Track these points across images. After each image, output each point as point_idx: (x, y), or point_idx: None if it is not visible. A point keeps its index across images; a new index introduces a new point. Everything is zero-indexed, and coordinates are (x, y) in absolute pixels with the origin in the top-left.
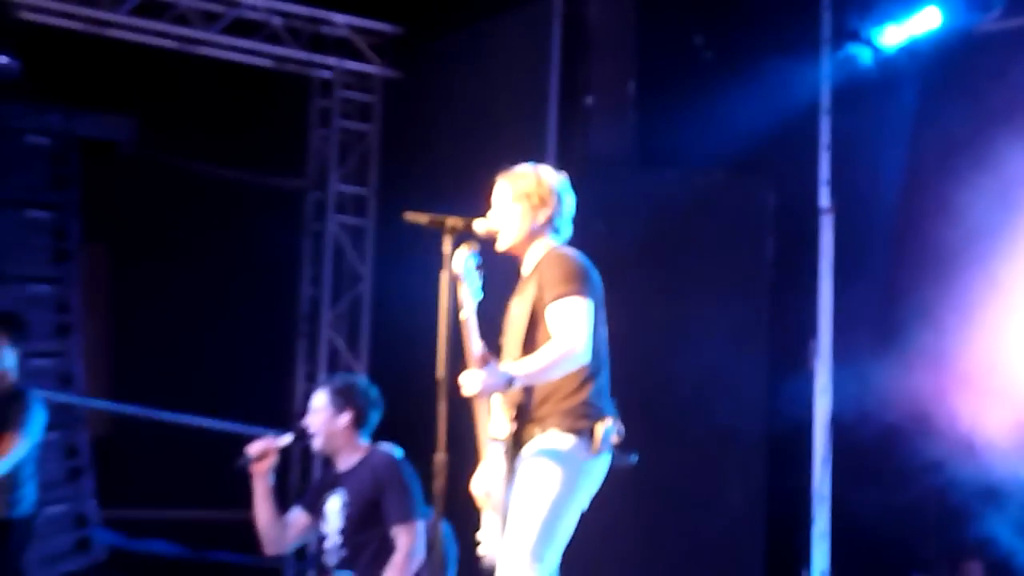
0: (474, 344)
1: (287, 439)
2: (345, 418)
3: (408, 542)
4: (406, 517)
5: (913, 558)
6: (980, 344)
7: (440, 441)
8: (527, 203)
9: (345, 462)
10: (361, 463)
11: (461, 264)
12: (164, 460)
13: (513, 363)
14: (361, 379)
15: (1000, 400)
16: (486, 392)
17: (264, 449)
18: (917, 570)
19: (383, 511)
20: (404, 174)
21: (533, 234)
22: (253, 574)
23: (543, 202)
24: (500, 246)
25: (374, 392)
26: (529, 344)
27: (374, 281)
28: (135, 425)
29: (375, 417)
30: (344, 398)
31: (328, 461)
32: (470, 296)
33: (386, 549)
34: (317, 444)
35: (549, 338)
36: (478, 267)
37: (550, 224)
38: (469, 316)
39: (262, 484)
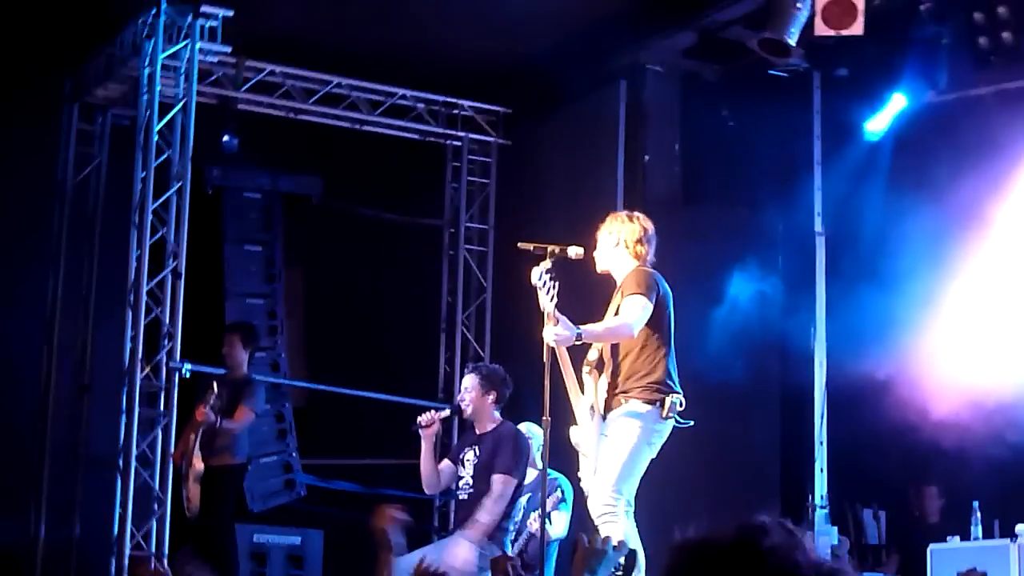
0: (550, 313)
1: (447, 412)
2: (490, 397)
3: (500, 488)
4: (506, 470)
5: (886, 484)
6: (934, 337)
7: (545, 407)
8: (630, 247)
9: (482, 427)
10: (493, 430)
11: (537, 278)
12: (345, 422)
13: (583, 325)
14: (499, 368)
15: (947, 378)
16: (561, 341)
17: (431, 419)
18: (887, 493)
19: (494, 464)
20: (514, 214)
21: (627, 264)
22: (411, 504)
23: (640, 244)
24: (601, 270)
25: (508, 378)
26: None
27: (494, 292)
28: (324, 398)
29: (507, 395)
30: (489, 382)
31: (471, 425)
32: (546, 298)
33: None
34: (466, 414)
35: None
36: (552, 279)
37: (639, 257)
38: (546, 306)
39: (427, 443)
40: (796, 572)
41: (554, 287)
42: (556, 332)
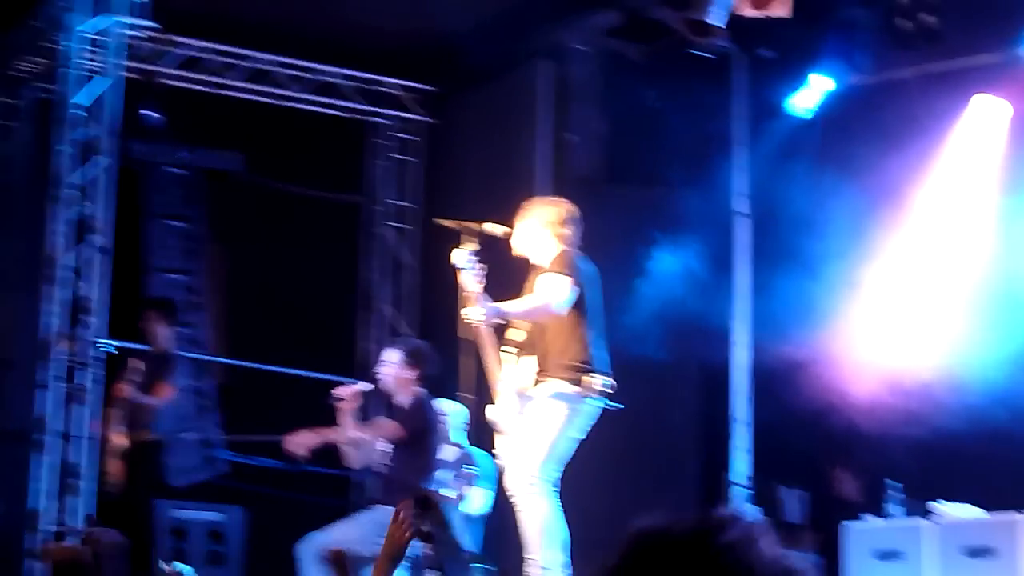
0: (472, 293)
1: (367, 386)
2: (412, 373)
3: (389, 432)
4: (401, 421)
5: (806, 464)
6: (856, 318)
7: (470, 385)
8: (552, 229)
9: (401, 400)
10: (411, 403)
11: (460, 259)
12: (267, 399)
13: (502, 303)
14: (425, 344)
15: (868, 359)
16: (481, 321)
17: (350, 392)
18: (808, 473)
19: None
20: (438, 193)
21: (549, 247)
22: (333, 481)
23: (562, 225)
24: (518, 251)
25: (435, 356)
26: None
27: (413, 268)
28: (246, 374)
29: (430, 373)
30: (414, 358)
31: (389, 401)
32: (470, 279)
33: (417, 459)
34: (382, 384)
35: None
36: (476, 260)
37: (562, 240)
38: (468, 287)
39: (346, 416)
40: (750, 572)
41: (478, 268)
42: (477, 312)
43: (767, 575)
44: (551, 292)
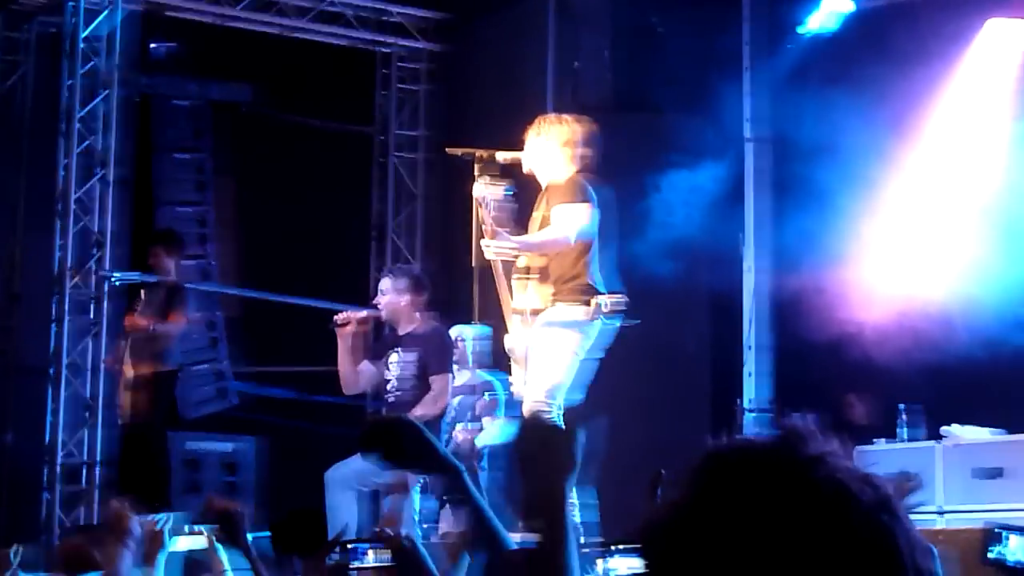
0: (490, 226)
1: (364, 312)
2: (404, 299)
3: (440, 387)
4: (441, 370)
5: (818, 389)
6: (868, 244)
7: (475, 312)
8: (570, 150)
9: (404, 328)
10: (417, 332)
11: (479, 192)
12: (278, 330)
13: (518, 236)
14: (413, 268)
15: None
16: (498, 255)
17: (347, 318)
18: (819, 398)
19: (426, 365)
20: (446, 122)
21: (561, 167)
22: (342, 410)
23: (580, 147)
24: (527, 169)
25: (425, 279)
26: None
27: (424, 198)
28: (257, 306)
29: (425, 296)
30: (404, 284)
31: (392, 327)
32: (485, 211)
33: (423, 392)
34: (384, 315)
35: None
36: (512, 196)
37: (574, 160)
38: (486, 220)
39: (344, 343)
40: (846, 490)
41: (496, 200)
42: (496, 245)
43: (859, 492)
44: (569, 223)
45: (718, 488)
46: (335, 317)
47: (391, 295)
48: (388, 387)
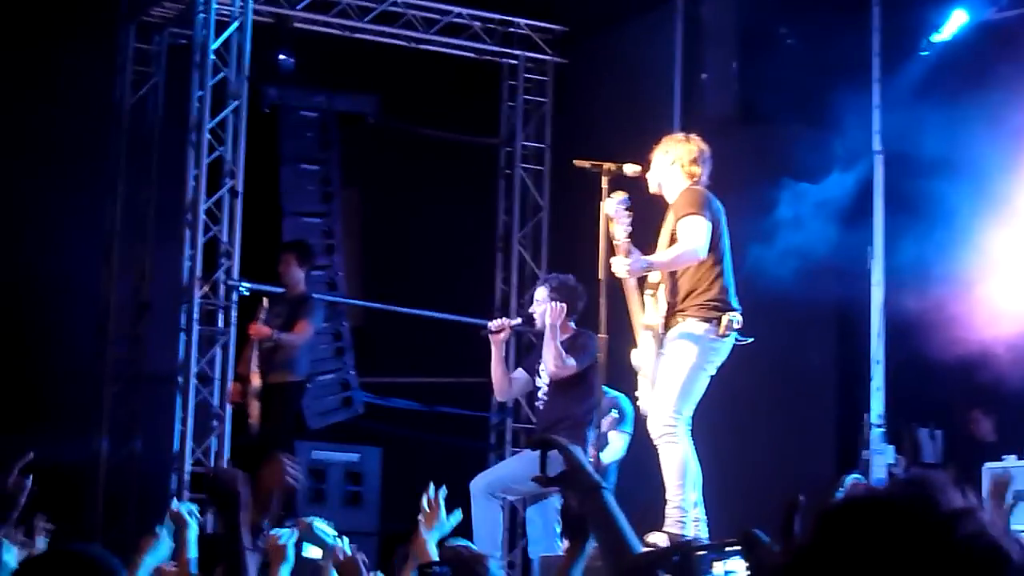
0: (621, 243)
1: (518, 320)
2: (561, 307)
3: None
4: (581, 360)
5: (942, 404)
6: (992, 260)
7: (602, 325)
8: (683, 167)
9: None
10: (568, 339)
11: (611, 208)
12: (403, 341)
13: (650, 255)
14: (571, 278)
15: (1005, 299)
16: (631, 273)
17: (501, 325)
18: (944, 413)
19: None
20: (570, 133)
21: (680, 184)
22: (466, 421)
23: (694, 164)
24: (653, 190)
25: (581, 288)
26: None
27: (550, 210)
28: (382, 316)
29: (579, 306)
30: (560, 293)
31: (539, 336)
32: (620, 228)
33: (580, 397)
34: (538, 324)
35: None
36: (627, 209)
37: (692, 178)
38: (618, 237)
39: (497, 349)
40: (999, 550)
41: (628, 217)
42: (627, 264)
43: (1013, 552)
44: (693, 237)
45: (854, 543)
46: (489, 324)
47: (547, 304)
48: (540, 393)
